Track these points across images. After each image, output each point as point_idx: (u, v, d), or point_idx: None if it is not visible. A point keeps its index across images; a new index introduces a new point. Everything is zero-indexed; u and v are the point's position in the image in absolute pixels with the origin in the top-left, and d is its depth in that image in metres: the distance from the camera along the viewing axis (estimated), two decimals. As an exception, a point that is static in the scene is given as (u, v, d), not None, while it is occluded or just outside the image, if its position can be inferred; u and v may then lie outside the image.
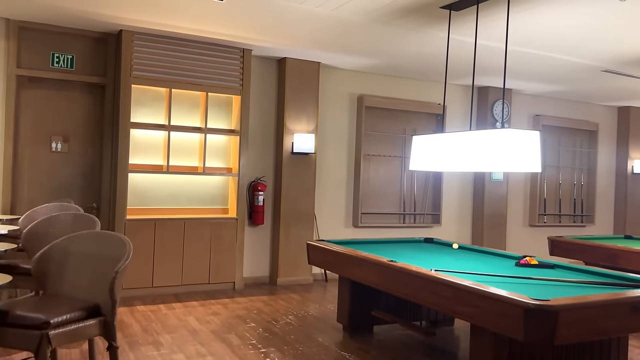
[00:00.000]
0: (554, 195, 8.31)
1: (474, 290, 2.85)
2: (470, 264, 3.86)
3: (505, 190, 7.60)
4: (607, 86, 7.08)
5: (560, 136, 8.33)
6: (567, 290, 2.99)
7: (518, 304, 2.58)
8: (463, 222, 7.57)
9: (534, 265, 3.86)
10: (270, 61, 6.25)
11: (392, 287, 3.54)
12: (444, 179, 7.34)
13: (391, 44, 5.38)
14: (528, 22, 4.50)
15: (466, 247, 4.72)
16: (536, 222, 8.03)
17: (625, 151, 8.74)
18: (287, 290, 5.86)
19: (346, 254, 4.03)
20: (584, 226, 8.52)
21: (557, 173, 8.32)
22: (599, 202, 8.65)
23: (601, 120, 8.69)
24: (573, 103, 8.40)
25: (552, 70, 6.28)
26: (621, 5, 4.00)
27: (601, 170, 8.69)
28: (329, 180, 6.62)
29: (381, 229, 6.91)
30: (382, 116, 6.97)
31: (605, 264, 5.41)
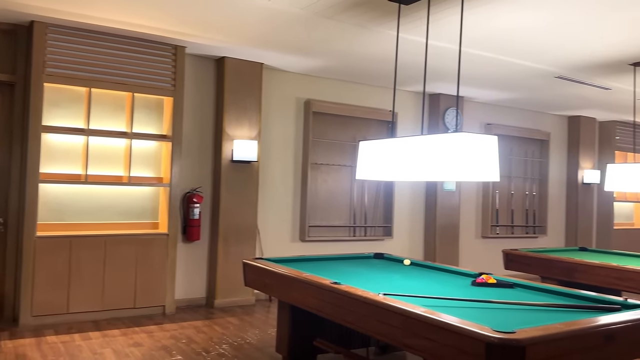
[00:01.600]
0: (506, 206, 8.12)
1: (427, 319, 2.42)
2: (423, 284, 3.45)
3: (457, 200, 7.33)
4: (558, 94, 6.94)
5: (512, 145, 8.17)
6: (532, 316, 2.61)
7: (479, 337, 2.17)
8: (415, 234, 7.23)
9: (491, 285, 3.50)
10: (208, 61, 5.73)
11: (335, 314, 3.08)
12: (396, 190, 6.99)
13: (337, 43, 4.97)
14: (482, 21, 4.20)
15: (418, 264, 4.33)
16: (489, 233, 7.80)
17: (575, 161, 8.68)
18: (225, 314, 5.30)
19: (285, 274, 3.54)
20: (537, 237, 8.37)
21: (509, 183, 8.14)
22: (550, 212, 8.53)
23: (552, 129, 8.60)
24: (525, 112, 8.27)
25: (506, 76, 6.05)
26: (576, 9, 3.74)
27: (552, 180, 8.58)
28: (273, 191, 6.13)
29: (330, 242, 6.47)
30: (331, 123, 6.56)
31: (562, 278, 5.17)
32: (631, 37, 4.43)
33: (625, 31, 4.30)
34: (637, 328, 2.50)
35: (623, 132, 9.05)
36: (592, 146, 8.86)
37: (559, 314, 2.66)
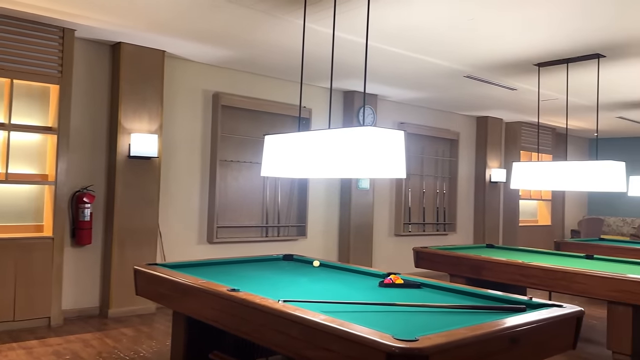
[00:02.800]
0: (418, 204, 8.20)
1: (327, 328, 2.21)
2: (330, 288, 3.25)
3: (371, 199, 7.27)
4: (468, 93, 7.07)
5: (424, 144, 8.27)
6: (438, 319, 2.48)
7: (379, 347, 1.98)
8: (330, 233, 7.09)
9: (399, 285, 3.37)
10: (102, 46, 5.21)
11: (231, 324, 2.80)
12: (310, 188, 6.80)
13: (244, 31, 4.68)
14: (392, 16, 4.08)
15: (328, 265, 4.14)
16: (401, 231, 7.83)
17: (483, 160, 8.95)
18: (119, 324, 4.83)
19: (178, 282, 3.20)
20: (447, 234, 8.53)
21: (420, 181, 8.23)
22: (460, 210, 8.73)
23: (462, 129, 8.81)
24: (436, 112, 8.39)
25: (417, 74, 6.03)
26: (483, 7, 3.71)
27: (462, 179, 8.79)
28: (177, 189, 5.72)
29: (241, 244, 6.15)
30: (241, 118, 6.24)
31: (470, 275, 5.21)
32: (536, 37, 4.51)
33: (530, 31, 4.36)
34: (541, 329, 2.44)
35: (527, 132, 9.46)
36: (498, 146, 9.18)
37: (465, 316, 2.55)
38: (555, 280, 4.53)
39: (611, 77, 5.74)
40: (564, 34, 4.39)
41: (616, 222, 10.88)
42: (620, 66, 5.29)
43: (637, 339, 4.15)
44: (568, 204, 10.94)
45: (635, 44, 4.56)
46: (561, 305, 2.72)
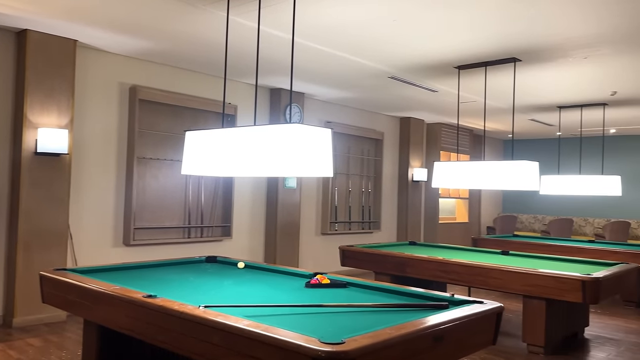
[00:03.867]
0: (344, 203, 8.25)
1: (250, 334, 2.11)
2: (256, 290, 3.15)
3: (298, 198, 7.21)
4: (392, 94, 7.19)
5: (350, 144, 8.33)
6: (364, 320, 2.45)
7: (305, 352, 1.92)
8: (256, 233, 6.95)
9: (325, 285, 3.33)
10: (5, 33, 4.77)
11: (148, 333, 2.62)
12: (236, 186, 6.63)
13: (164, 21, 4.45)
14: (316, 13, 4.02)
15: (253, 266, 4.03)
16: (328, 230, 7.84)
17: (406, 160, 9.17)
18: (25, 334, 4.44)
19: (89, 288, 2.97)
20: (372, 232, 8.65)
21: (346, 180, 8.28)
22: (384, 208, 8.89)
23: (386, 129, 8.97)
24: (362, 112, 8.48)
25: (344, 73, 6.04)
26: (405, 8, 3.75)
27: (386, 178, 8.95)
28: (91, 188, 5.35)
29: (160, 246, 5.87)
30: (161, 113, 5.96)
31: (394, 273, 5.29)
32: (456, 40, 4.63)
33: (451, 34, 4.47)
34: (464, 326, 2.48)
35: (447, 133, 9.81)
36: (420, 146, 9.45)
37: (390, 315, 2.54)
38: (473, 276, 4.69)
39: (526, 80, 6.04)
40: (484, 38, 4.54)
41: (528, 219, 11.55)
42: (534, 70, 5.57)
43: (550, 331, 4.38)
44: (484, 202, 11.47)
45: (549, 49, 4.80)
46: (482, 301, 2.78)
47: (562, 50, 4.80)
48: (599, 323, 5.57)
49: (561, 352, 4.46)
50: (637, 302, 6.41)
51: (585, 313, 5.03)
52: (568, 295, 4.11)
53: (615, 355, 4.46)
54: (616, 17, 3.92)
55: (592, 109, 7.59)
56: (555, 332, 4.48)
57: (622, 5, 3.69)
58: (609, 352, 4.53)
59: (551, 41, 4.54)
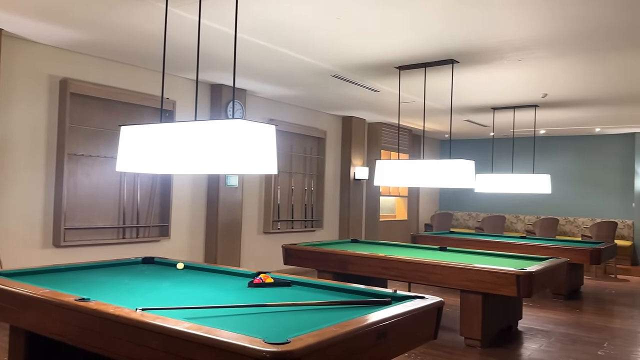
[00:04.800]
0: (287, 201, 8.21)
1: (190, 337, 2.03)
2: (195, 292, 3.05)
3: (240, 196, 7.10)
4: (334, 93, 7.22)
5: (293, 142, 8.29)
6: (308, 318, 2.42)
7: (249, 353, 1.86)
8: (196, 233, 6.77)
9: (269, 284, 3.27)
10: None
11: (81, 339, 2.48)
12: (174, 185, 6.43)
13: (97, 11, 4.22)
14: (260, 7, 3.95)
15: (193, 267, 3.91)
16: (270, 229, 7.77)
17: (348, 158, 9.24)
18: (-59, 344, 4.10)
19: (15, 292, 2.77)
20: (314, 231, 8.66)
21: (289, 178, 8.24)
22: (327, 207, 8.92)
23: (328, 128, 9.00)
24: (304, 110, 8.47)
25: (287, 70, 5.99)
26: (348, 7, 3.76)
27: (328, 176, 8.99)
28: (16, 186, 5.02)
29: (93, 247, 5.60)
30: (94, 107, 5.68)
31: (336, 270, 5.30)
32: (397, 40, 4.69)
33: (392, 34, 4.52)
34: (407, 322, 2.50)
35: (388, 132, 9.97)
36: (362, 145, 9.55)
37: (334, 312, 2.53)
38: (414, 272, 4.78)
39: (463, 82, 6.22)
40: (424, 39, 4.63)
41: (463, 216, 11.95)
42: (471, 72, 5.75)
43: (486, 325, 4.53)
44: (422, 200, 11.77)
45: (485, 51, 4.96)
46: (423, 296, 2.82)
47: (498, 53, 4.98)
48: (531, 315, 5.83)
49: (497, 345, 4.63)
50: (565, 294, 6.77)
51: (518, 306, 5.25)
52: (503, 289, 4.27)
53: (546, 346, 4.68)
54: (550, 22, 4.10)
55: (524, 110, 7.94)
56: (491, 325, 4.64)
57: (556, 10, 3.86)
58: (540, 344, 4.75)
59: (488, 43, 4.69)
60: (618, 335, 5.11)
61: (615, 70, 5.49)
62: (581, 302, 6.69)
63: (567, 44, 4.64)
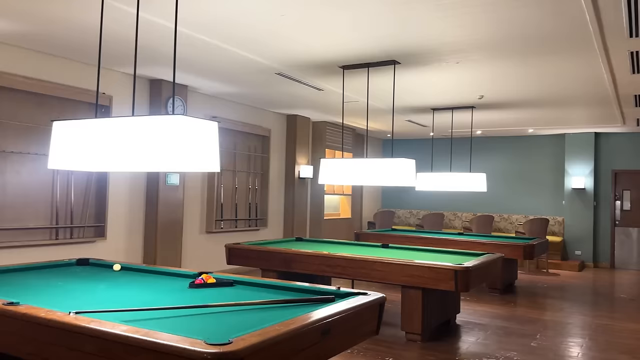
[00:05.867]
0: (231, 200, 8.10)
1: (128, 340, 1.96)
2: (133, 294, 2.94)
3: (181, 195, 6.93)
4: (279, 91, 7.19)
5: (237, 140, 8.19)
6: (252, 317, 2.39)
7: (190, 355, 1.82)
8: (134, 233, 6.55)
9: (211, 285, 3.21)
10: None
11: (10, 345, 2.34)
12: (111, 183, 6.19)
13: (29, 0, 4.00)
14: (202, 1, 3.87)
15: (131, 268, 3.78)
16: (213, 228, 7.64)
17: (292, 157, 9.23)
18: None
19: None
20: (258, 229, 8.60)
21: (233, 177, 8.14)
22: (271, 205, 8.88)
23: (273, 126, 8.95)
24: (249, 108, 8.38)
25: (230, 67, 5.90)
26: (296, 5, 3.76)
27: (273, 175, 8.95)
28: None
29: (24, 249, 5.30)
30: (25, 102, 5.38)
31: (281, 269, 5.28)
32: (341, 39, 4.72)
33: (336, 33, 4.55)
34: (350, 318, 2.52)
35: (332, 131, 10.04)
36: (306, 144, 9.57)
37: (278, 311, 2.51)
38: (357, 268, 4.83)
39: (404, 82, 6.35)
40: (367, 39, 4.69)
41: (405, 214, 12.23)
42: (412, 73, 5.88)
43: (426, 319, 4.65)
44: (365, 199, 11.94)
45: (426, 53, 5.09)
46: (366, 293, 2.86)
47: (437, 55, 5.12)
48: (469, 309, 6.04)
49: (436, 339, 4.76)
50: (501, 289, 7.06)
51: (457, 301, 5.42)
52: (442, 284, 4.40)
53: (483, 338, 4.86)
54: (485, 26, 4.25)
55: (462, 111, 8.22)
56: (431, 319, 4.77)
57: (491, 15, 4.01)
58: (477, 336, 4.92)
59: (428, 45, 4.82)
60: (549, 327, 5.38)
61: (547, 74, 5.78)
62: (515, 296, 7.00)
63: (502, 48, 4.83)
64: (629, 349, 4.66)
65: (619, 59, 5.02)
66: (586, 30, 4.22)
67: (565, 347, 4.68)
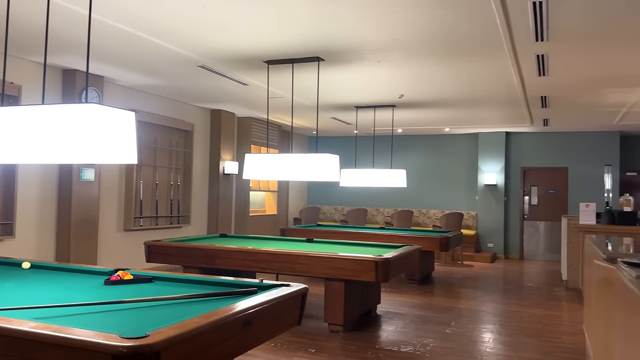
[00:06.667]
0: (151, 197, 7.85)
1: (37, 336, 1.86)
2: (44, 292, 2.79)
3: (97, 191, 6.62)
4: (202, 85, 7.05)
5: (157, 134, 7.95)
6: (171, 312, 2.35)
7: (103, 349, 1.76)
8: (45, 231, 6.18)
9: (128, 281, 3.11)
10: None
11: None
12: (19, 177, 5.80)
13: None
14: (121, -14, 3.73)
15: (42, 266, 3.57)
16: (132, 226, 7.37)
17: (217, 152, 9.09)
18: None
19: None
20: (181, 227, 8.39)
21: (153, 173, 7.89)
22: (194, 202, 8.69)
23: (196, 121, 8.77)
24: (170, 101, 8.15)
25: (150, 58, 5.71)
26: None
27: (196, 171, 8.76)
28: None
29: None
30: None
31: (203, 266, 5.20)
32: (266, 33, 4.71)
33: (261, 26, 4.53)
34: (272, 309, 2.54)
35: (257, 127, 9.99)
36: (232, 139, 9.46)
37: (198, 305, 2.48)
38: (281, 262, 4.86)
39: (328, 80, 6.45)
40: (291, 34, 4.71)
41: (330, 210, 12.41)
42: (335, 70, 5.98)
43: (348, 310, 4.76)
44: (291, 195, 11.99)
45: (348, 51, 5.19)
46: (289, 284, 2.89)
47: (359, 53, 5.24)
48: (389, 300, 6.25)
49: (358, 329, 4.89)
50: (419, 280, 7.35)
51: (377, 292, 5.59)
52: (363, 275, 4.52)
53: (402, 327, 5.05)
54: (403, 26, 4.41)
55: (384, 110, 8.46)
56: (353, 310, 4.89)
57: (410, 16, 4.16)
58: (396, 325, 5.11)
59: (350, 43, 4.92)
60: (464, 314, 5.68)
61: (462, 75, 6.09)
62: (433, 286, 7.32)
63: (419, 49, 5.03)
64: (535, 332, 5.02)
65: (527, 61, 5.38)
66: (497, 34, 4.50)
67: (477, 332, 4.97)
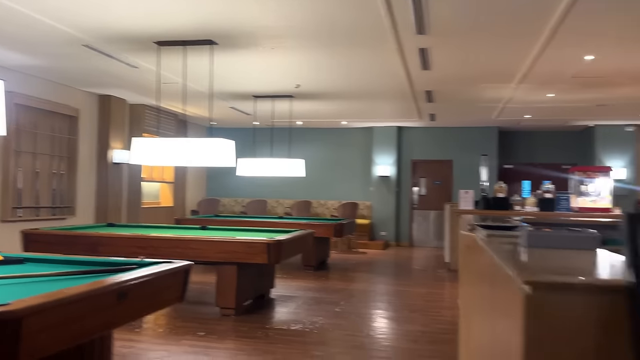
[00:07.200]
0: (31, 186, 7.29)
1: None
2: None
3: (-34, 178, 6.03)
4: (88, 67, 6.65)
5: (37, 119, 7.39)
6: (39, 287, 2.23)
7: (-44, 320, 1.64)
8: None
9: (-4, 263, 2.89)
10: None
11: None
12: None
13: None
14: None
15: None
16: (9, 217, 6.80)
17: (106, 140, 8.64)
18: None
19: None
20: (65, 218, 7.88)
21: (33, 160, 7.33)
22: (80, 192, 8.20)
23: (82, 106, 8.26)
24: (53, 84, 7.60)
25: (27, 34, 5.29)
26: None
27: (83, 159, 8.26)
28: None
29: None
30: None
31: (87, 254, 4.93)
32: (155, 12, 4.54)
33: (149, 4, 4.36)
34: (151, 282, 2.50)
35: (151, 116, 9.62)
36: (122, 127, 9.02)
37: (74, 281, 2.37)
38: (171, 248, 4.75)
39: (223, 66, 6.36)
40: (184, 14, 4.57)
41: (229, 202, 12.28)
42: (230, 56, 5.92)
43: (240, 294, 4.76)
44: (189, 186, 11.70)
45: (242, 35, 5.15)
46: (170, 261, 2.85)
47: (253, 38, 5.23)
48: (284, 285, 6.34)
49: (250, 312, 4.91)
50: (315, 265, 7.52)
51: (271, 276, 5.65)
52: (256, 257, 4.56)
53: (294, 308, 5.16)
54: (297, 13, 4.47)
55: (282, 100, 8.52)
56: (245, 294, 4.90)
57: (302, 3, 4.22)
58: (289, 307, 5.21)
59: (244, 27, 4.90)
60: (355, 295, 5.92)
61: (353, 67, 6.30)
62: (328, 272, 7.54)
63: (312, 37, 5.14)
64: (419, 308, 5.36)
65: (411, 55, 5.69)
66: (381, 25, 4.71)
67: (366, 310, 5.21)
